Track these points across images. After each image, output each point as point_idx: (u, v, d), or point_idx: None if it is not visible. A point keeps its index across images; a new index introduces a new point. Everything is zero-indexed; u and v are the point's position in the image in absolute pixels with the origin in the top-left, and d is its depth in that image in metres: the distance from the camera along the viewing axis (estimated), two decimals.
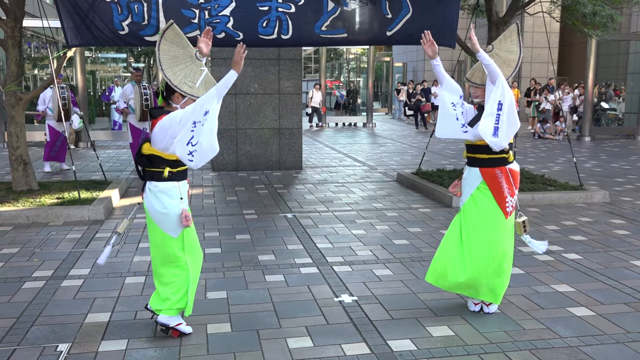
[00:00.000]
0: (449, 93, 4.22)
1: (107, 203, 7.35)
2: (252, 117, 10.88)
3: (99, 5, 7.02)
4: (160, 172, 3.68)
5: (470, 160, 4.23)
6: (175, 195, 3.71)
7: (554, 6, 9.09)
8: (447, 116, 4.21)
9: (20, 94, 7.73)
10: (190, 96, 3.63)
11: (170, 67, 3.64)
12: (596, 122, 17.54)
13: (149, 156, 3.69)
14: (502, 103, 3.93)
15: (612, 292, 4.69)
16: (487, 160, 4.12)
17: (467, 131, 4.16)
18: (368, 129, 20.79)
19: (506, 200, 4.10)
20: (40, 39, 19.37)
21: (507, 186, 4.10)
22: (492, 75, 3.94)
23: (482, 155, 4.13)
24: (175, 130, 3.50)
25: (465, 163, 4.30)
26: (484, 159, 4.13)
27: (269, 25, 7.37)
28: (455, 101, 4.19)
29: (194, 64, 3.68)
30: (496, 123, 3.94)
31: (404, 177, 9.55)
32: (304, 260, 5.46)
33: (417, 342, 3.78)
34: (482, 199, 4.13)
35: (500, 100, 3.93)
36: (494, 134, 3.94)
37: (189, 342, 3.76)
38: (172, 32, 3.65)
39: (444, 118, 4.23)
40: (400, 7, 7.63)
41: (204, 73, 3.68)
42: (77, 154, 13.01)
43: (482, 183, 4.13)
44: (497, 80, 3.94)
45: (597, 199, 8.18)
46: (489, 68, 3.93)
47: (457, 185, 4.36)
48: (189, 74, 3.65)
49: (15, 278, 4.94)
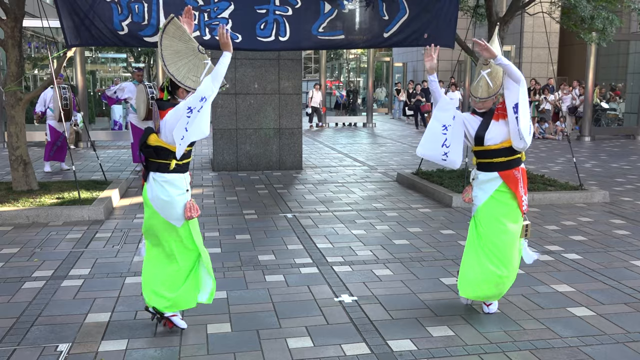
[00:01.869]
0: (444, 113, 4.15)
1: (107, 203, 7.36)
2: (252, 117, 10.88)
3: (99, 5, 7.02)
4: (166, 164, 3.70)
5: (485, 166, 4.18)
6: (182, 185, 3.75)
7: (554, 7, 9.09)
8: (435, 137, 4.13)
9: (20, 94, 7.73)
10: (194, 91, 3.62)
11: (174, 62, 3.62)
12: (596, 122, 17.54)
13: (156, 147, 3.71)
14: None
15: (612, 292, 4.69)
16: (506, 163, 4.13)
17: (446, 160, 4.13)
18: (368, 129, 20.79)
19: (523, 199, 4.16)
20: (40, 39, 19.36)
21: (522, 184, 4.16)
22: (516, 75, 3.91)
23: (500, 159, 4.12)
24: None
25: (476, 169, 4.26)
26: (502, 162, 4.13)
27: (266, 28, 7.40)
28: (448, 123, 4.12)
29: (197, 58, 3.65)
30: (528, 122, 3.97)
31: (404, 177, 9.55)
32: (304, 260, 5.46)
33: (417, 342, 3.79)
34: (502, 200, 4.14)
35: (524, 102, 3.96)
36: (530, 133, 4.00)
37: (189, 342, 3.77)
38: (174, 27, 3.63)
39: (432, 138, 4.14)
40: (397, 9, 7.64)
41: (207, 66, 3.64)
42: (77, 154, 13.01)
43: (501, 186, 4.14)
44: (521, 80, 3.92)
45: (597, 199, 8.18)
46: (509, 68, 3.90)
47: (468, 191, 4.30)
48: (192, 68, 3.63)
49: (15, 278, 4.94)
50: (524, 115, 3.94)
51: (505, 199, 4.15)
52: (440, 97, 4.22)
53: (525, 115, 3.95)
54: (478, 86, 4.11)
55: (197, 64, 3.64)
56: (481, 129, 4.13)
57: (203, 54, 3.67)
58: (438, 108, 4.20)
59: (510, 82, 3.97)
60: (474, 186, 4.27)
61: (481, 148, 4.16)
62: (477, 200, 4.24)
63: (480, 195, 4.22)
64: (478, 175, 4.24)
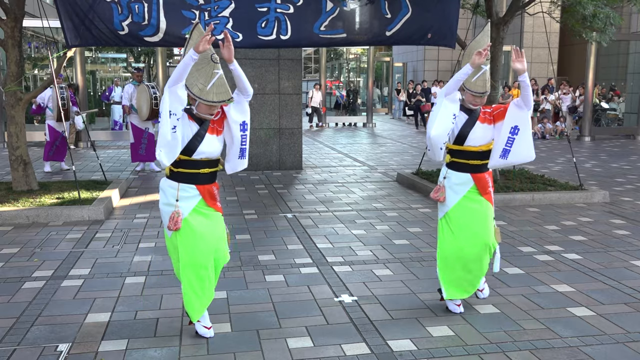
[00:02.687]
0: (453, 104, 4.04)
1: (107, 203, 7.35)
2: (252, 117, 10.84)
3: (99, 5, 7.02)
4: (170, 169, 3.70)
5: (459, 166, 4.13)
6: (170, 194, 3.68)
7: (554, 6, 9.09)
8: (445, 124, 4.01)
9: (20, 94, 7.73)
10: (198, 99, 3.54)
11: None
12: (596, 122, 17.54)
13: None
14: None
15: (612, 292, 4.69)
16: (480, 166, 4.14)
17: (441, 149, 4.09)
18: (368, 129, 20.79)
19: (492, 197, 4.21)
20: (40, 39, 19.36)
21: (491, 185, 4.20)
22: (530, 100, 3.91)
23: (476, 161, 4.11)
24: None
25: (447, 167, 4.20)
26: (477, 165, 4.12)
27: (267, 26, 7.37)
28: (456, 112, 4.04)
29: (209, 66, 3.54)
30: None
31: (404, 177, 9.55)
32: (304, 260, 5.46)
33: (417, 342, 3.78)
34: (474, 200, 4.13)
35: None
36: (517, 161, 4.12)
37: (189, 342, 3.76)
38: (197, 32, 3.53)
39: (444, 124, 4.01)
40: (399, 7, 7.63)
41: (216, 76, 3.53)
42: (77, 154, 13.01)
43: (473, 187, 4.12)
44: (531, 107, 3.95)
45: (597, 199, 8.18)
46: (529, 90, 3.88)
47: (442, 190, 4.18)
48: (202, 75, 3.54)
49: (15, 278, 4.94)
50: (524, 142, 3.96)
51: (478, 198, 4.13)
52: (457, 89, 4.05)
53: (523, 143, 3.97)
54: (479, 81, 3.99)
55: (207, 71, 3.54)
56: (466, 127, 4.06)
57: (215, 63, 3.54)
58: (450, 98, 4.03)
59: (521, 104, 3.95)
60: (445, 186, 4.18)
61: (459, 147, 4.11)
62: (449, 200, 4.15)
63: (451, 196, 4.15)
64: (450, 176, 4.17)
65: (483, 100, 4.08)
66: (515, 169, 9.39)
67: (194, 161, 3.65)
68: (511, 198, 7.91)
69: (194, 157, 3.64)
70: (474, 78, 4.01)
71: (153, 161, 10.60)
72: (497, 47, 8.37)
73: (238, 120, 3.69)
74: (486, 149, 4.11)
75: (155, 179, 9.89)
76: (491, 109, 4.14)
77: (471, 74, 3.98)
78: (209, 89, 3.52)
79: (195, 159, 3.65)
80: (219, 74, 3.54)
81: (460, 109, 4.08)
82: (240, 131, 3.71)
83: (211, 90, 3.53)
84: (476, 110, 4.10)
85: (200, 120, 3.64)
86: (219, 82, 3.54)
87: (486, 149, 4.11)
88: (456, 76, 3.97)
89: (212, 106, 3.57)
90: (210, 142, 3.66)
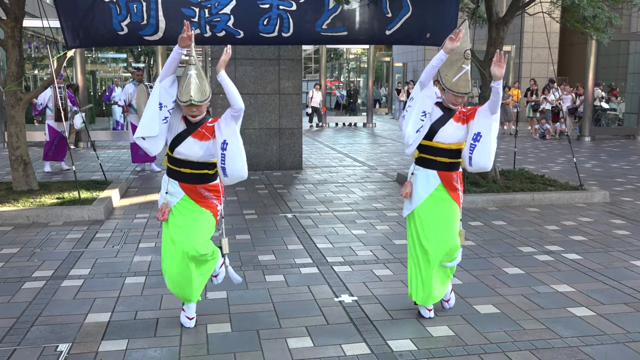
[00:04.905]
0: (429, 100, 4.01)
1: (107, 203, 7.35)
2: (252, 117, 10.87)
3: (97, 6, 7.02)
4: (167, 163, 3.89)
5: (426, 162, 4.08)
6: (163, 187, 3.88)
7: (553, 6, 9.08)
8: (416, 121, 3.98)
9: (20, 94, 7.73)
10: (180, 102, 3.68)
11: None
12: (596, 122, 17.54)
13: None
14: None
15: (612, 292, 4.69)
16: (448, 164, 4.06)
17: (411, 144, 4.04)
18: (368, 129, 20.79)
19: (460, 198, 4.13)
20: (40, 39, 19.36)
21: (460, 186, 4.14)
22: (497, 107, 3.89)
23: (444, 159, 4.05)
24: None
25: (415, 163, 4.15)
26: (444, 163, 4.05)
27: (269, 23, 7.35)
28: (428, 110, 4.00)
29: (186, 68, 3.69)
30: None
31: (404, 177, 9.54)
32: (304, 260, 5.46)
33: (417, 342, 3.78)
34: (442, 199, 4.07)
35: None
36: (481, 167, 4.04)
37: (189, 342, 3.76)
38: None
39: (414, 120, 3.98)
40: (400, 7, 7.64)
41: (187, 77, 3.64)
42: (77, 154, 13.01)
43: (439, 185, 4.06)
44: (498, 115, 3.93)
45: (597, 199, 8.18)
46: (498, 97, 3.85)
47: (407, 186, 4.13)
48: (182, 77, 3.68)
49: (15, 278, 4.94)
50: (483, 150, 3.92)
51: (445, 197, 4.07)
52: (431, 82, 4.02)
53: (483, 151, 3.92)
54: (461, 81, 3.93)
55: (185, 73, 3.68)
56: (438, 123, 4.01)
57: (191, 65, 3.67)
58: (425, 93, 4.00)
59: (487, 111, 3.91)
60: (413, 183, 4.13)
61: (428, 142, 4.05)
62: (416, 198, 4.10)
63: (419, 193, 4.08)
64: (417, 172, 4.13)
65: (464, 100, 4.03)
66: (515, 169, 9.39)
67: (175, 158, 3.81)
68: (511, 198, 7.91)
69: (175, 154, 3.79)
70: (455, 78, 3.93)
71: (154, 161, 10.61)
72: (497, 47, 8.37)
73: (220, 137, 3.71)
74: (456, 147, 4.04)
75: (155, 179, 9.89)
76: (466, 109, 4.08)
77: (451, 74, 3.93)
78: (183, 90, 3.65)
79: (177, 157, 3.80)
80: (189, 75, 3.65)
81: (438, 106, 4.05)
82: (220, 149, 3.69)
83: (184, 92, 3.65)
84: (454, 109, 4.05)
85: (188, 122, 3.78)
86: (191, 83, 3.63)
87: (456, 147, 4.04)
88: (430, 63, 3.92)
89: (190, 106, 3.67)
90: (190, 145, 3.74)
